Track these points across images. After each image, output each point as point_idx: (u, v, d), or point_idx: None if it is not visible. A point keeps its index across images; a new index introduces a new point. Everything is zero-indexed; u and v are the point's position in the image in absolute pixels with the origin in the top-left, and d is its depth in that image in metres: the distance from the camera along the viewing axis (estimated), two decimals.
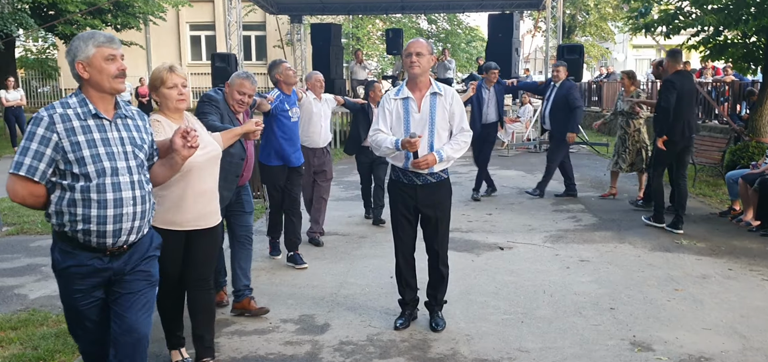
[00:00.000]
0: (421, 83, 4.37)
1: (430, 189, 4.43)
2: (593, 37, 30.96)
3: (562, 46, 14.91)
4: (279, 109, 5.91)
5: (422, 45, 4.34)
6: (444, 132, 4.38)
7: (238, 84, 4.70)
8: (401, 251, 4.61)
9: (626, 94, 9.20)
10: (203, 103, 4.57)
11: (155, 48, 29.61)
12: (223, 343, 4.49)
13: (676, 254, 6.42)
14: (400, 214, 4.51)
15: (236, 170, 4.68)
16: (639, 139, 9.07)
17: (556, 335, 4.50)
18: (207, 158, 3.64)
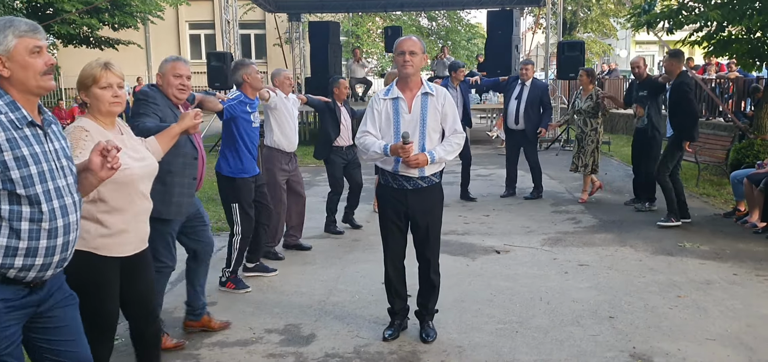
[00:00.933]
0: (412, 83, 4.15)
1: (421, 194, 4.22)
2: (595, 33, 30.67)
3: (563, 43, 14.67)
4: (240, 111, 5.29)
5: (415, 43, 4.12)
6: (435, 134, 4.18)
7: (170, 68, 4.14)
8: (390, 259, 4.39)
9: (584, 93, 8.97)
10: (137, 103, 4.06)
11: (155, 47, 29.46)
12: (204, 355, 4.29)
13: (678, 258, 6.19)
14: (390, 220, 4.29)
15: (193, 171, 4.22)
16: (595, 138, 8.88)
17: (552, 346, 4.28)
18: (148, 171, 3.21)
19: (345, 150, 7.32)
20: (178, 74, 4.14)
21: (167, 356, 4.25)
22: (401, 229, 4.32)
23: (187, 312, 4.65)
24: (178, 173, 4.10)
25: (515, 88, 9.32)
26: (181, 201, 4.14)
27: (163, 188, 3.97)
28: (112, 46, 20.89)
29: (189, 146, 4.17)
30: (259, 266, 5.89)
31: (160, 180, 3.90)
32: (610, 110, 8.82)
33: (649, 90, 8.18)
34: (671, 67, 7.49)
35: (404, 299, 4.52)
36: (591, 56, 32.43)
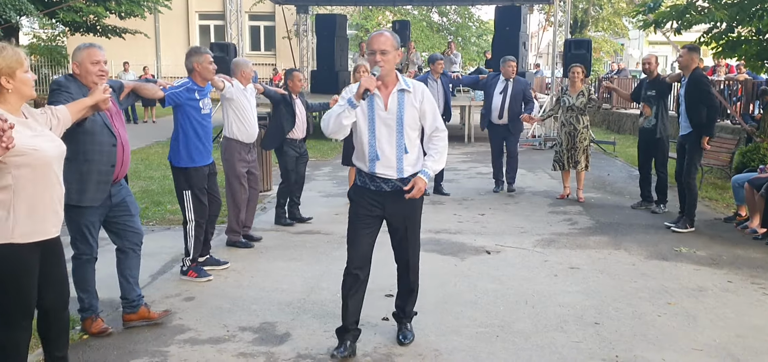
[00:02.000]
0: (387, 80, 3.86)
1: (401, 196, 3.91)
2: (606, 32, 30.37)
3: (569, 41, 14.44)
4: (185, 98, 5.17)
5: (387, 41, 3.81)
6: (413, 132, 3.92)
7: (86, 55, 4.01)
8: (354, 264, 3.99)
9: (574, 90, 8.80)
10: (52, 93, 3.95)
11: (164, 37, 29.51)
12: (173, 352, 4.18)
13: (673, 263, 6.02)
14: (363, 223, 3.96)
15: (110, 159, 4.14)
16: (587, 135, 8.81)
17: (531, 352, 4.14)
18: (58, 152, 3.16)
19: (298, 142, 7.28)
20: (95, 61, 4.03)
21: (135, 352, 4.16)
22: (372, 233, 4.02)
23: (123, 306, 4.53)
24: (95, 160, 4.08)
25: (498, 83, 9.31)
26: (98, 188, 4.13)
27: (79, 177, 4.05)
28: (119, 34, 20.89)
29: (106, 133, 4.11)
30: (209, 259, 5.76)
31: (76, 168, 4.02)
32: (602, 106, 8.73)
33: (658, 90, 7.99)
34: (687, 62, 7.20)
35: (357, 319, 4.09)
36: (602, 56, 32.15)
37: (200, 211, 5.40)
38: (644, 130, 8.25)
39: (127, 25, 21.36)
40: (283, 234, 7.07)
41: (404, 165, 3.88)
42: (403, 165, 3.88)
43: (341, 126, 3.82)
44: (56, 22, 19.60)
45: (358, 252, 4.00)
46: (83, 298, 4.35)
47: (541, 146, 15.19)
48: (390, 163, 3.87)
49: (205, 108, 5.35)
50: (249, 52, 27.78)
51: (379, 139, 3.85)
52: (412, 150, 3.92)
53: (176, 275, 5.62)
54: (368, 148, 3.87)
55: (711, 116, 7.06)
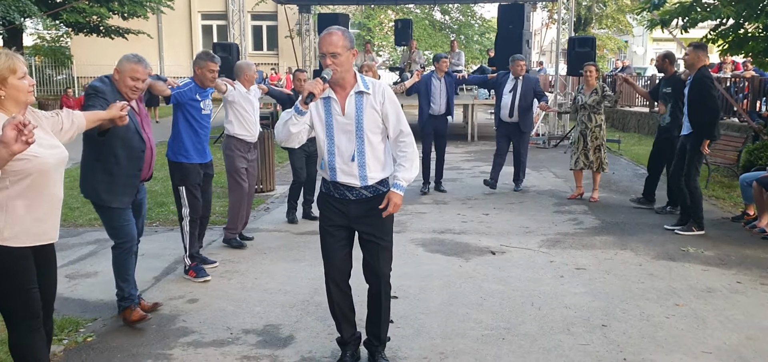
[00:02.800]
0: (344, 82, 3.55)
1: (366, 205, 3.66)
2: (610, 29, 30.25)
3: (573, 39, 14.38)
4: (188, 98, 5.34)
5: (338, 41, 3.46)
6: (374, 136, 3.60)
7: (129, 70, 4.21)
8: (332, 277, 3.78)
9: (588, 88, 8.77)
10: (88, 96, 4.12)
11: (167, 37, 29.46)
12: (177, 355, 4.14)
13: (680, 263, 5.95)
14: (329, 234, 3.72)
15: (139, 163, 4.36)
16: (600, 135, 8.73)
17: (538, 355, 4.08)
18: (57, 159, 3.12)
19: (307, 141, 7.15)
20: (135, 77, 4.22)
21: (139, 355, 4.12)
22: (343, 243, 3.75)
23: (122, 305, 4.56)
24: (124, 165, 4.28)
25: (508, 82, 9.26)
26: (126, 191, 4.35)
27: (109, 178, 4.27)
28: (122, 35, 20.87)
29: (137, 139, 4.32)
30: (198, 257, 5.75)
31: (107, 170, 4.25)
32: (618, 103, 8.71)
33: (674, 87, 7.85)
34: (693, 60, 7.00)
35: (353, 325, 3.93)
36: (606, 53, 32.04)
37: (194, 206, 5.45)
38: (660, 128, 8.21)
39: (130, 25, 21.36)
40: (287, 236, 7.03)
41: (367, 172, 3.60)
42: (366, 172, 3.60)
43: (290, 134, 3.55)
44: (59, 23, 19.56)
45: (333, 265, 3.76)
46: (123, 288, 4.49)
47: (545, 145, 15.13)
48: (352, 171, 3.59)
49: (206, 109, 5.48)
50: (251, 51, 27.75)
51: (339, 146, 3.59)
52: (374, 155, 3.62)
53: (179, 276, 5.60)
54: (327, 155, 3.62)
55: (710, 118, 6.84)
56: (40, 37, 32.30)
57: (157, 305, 4.85)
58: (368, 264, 3.78)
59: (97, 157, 4.26)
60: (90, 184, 4.34)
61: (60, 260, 6.06)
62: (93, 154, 4.27)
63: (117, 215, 4.37)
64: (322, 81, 3.43)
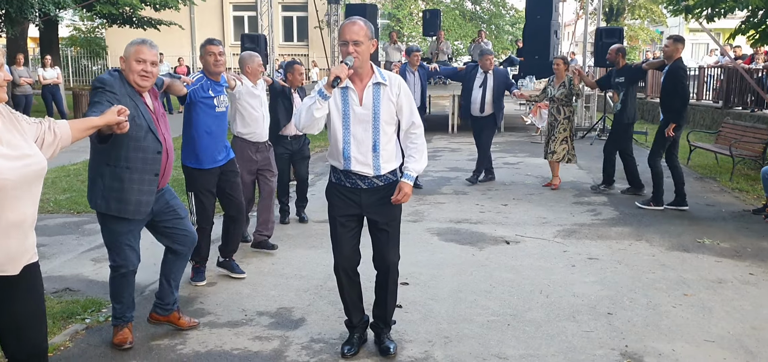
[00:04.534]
0: (362, 72, 3.66)
1: (377, 194, 3.76)
2: (643, 19, 29.83)
3: (601, 30, 14.29)
4: (200, 96, 4.89)
5: (360, 31, 3.57)
6: (389, 127, 3.72)
7: (133, 52, 3.73)
8: (342, 266, 3.87)
9: (557, 80, 8.94)
10: (94, 91, 3.66)
11: (199, 28, 29.88)
12: (192, 335, 4.32)
13: (694, 254, 5.96)
14: (340, 223, 3.81)
15: (155, 167, 3.83)
16: (568, 127, 8.91)
17: (541, 341, 4.17)
18: (21, 174, 2.50)
19: (290, 139, 6.77)
20: (140, 59, 3.73)
21: (156, 334, 4.30)
22: (354, 232, 3.86)
23: (155, 305, 4.32)
24: (137, 169, 3.77)
25: (477, 77, 9.18)
26: (141, 199, 3.81)
27: (120, 185, 3.76)
28: (154, 26, 21.27)
29: (151, 139, 3.80)
30: (226, 263, 5.47)
31: (117, 175, 3.73)
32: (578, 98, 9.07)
33: (627, 77, 8.49)
34: (671, 51, 7.51)
35: (362, 311, 4.06)
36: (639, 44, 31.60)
37: (203, 215, 5.09)
38: (615, 116, 8.75)
39: (162, 16, 21.76)
40: (306, 223, 7.18)
41: (381, 162, 3.71)
42: (379, 162, 3.71)
43: (313, 119, 3.60)
44: (94, 14, 20.03)
45: (342, 254, 3.86)
46: (116, 308, 4.09)
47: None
48: (366, 160, 3.69)
49: (221, 106, 5.06)
50: (282, 42, 28.06)
51: (354, 135, 3.68)
52: (388, 146, 3.74)
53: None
54: (343, 145, 3.69)
55: (680, 105, 7.43)
56: (75, 29, 33.05)
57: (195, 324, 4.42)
58: (378, 252, 3.89)
59: (106, 162, 3.76)
60: (98, 193, 3.82)
61: (86, 244, 6.37)
62: (102, 158, 3.78)
63: (122, 230, 3.86)
64: (346, 66, 3.53)
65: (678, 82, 7.40)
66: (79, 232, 6.78)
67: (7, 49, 20.15)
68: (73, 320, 4.48)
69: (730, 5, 10.10)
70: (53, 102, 16.49)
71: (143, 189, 3.81)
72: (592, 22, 17.28)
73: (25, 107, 15.45)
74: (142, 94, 3.84)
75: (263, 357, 4.00)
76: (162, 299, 4.28)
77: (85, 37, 31.99)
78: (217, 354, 4.04)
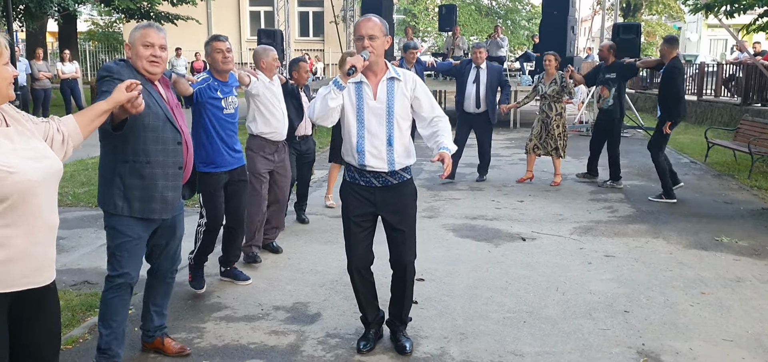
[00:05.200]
0: (376, 68, 3.67)
1: (392, 192, 3.77)
2: (661, 15, 29.56)
3: (618, 25, 14.17)
4: (207, 96, 4.60)
5: (375, 26, 3.60)
6: (404, 122, 3.72)
7: (140, 37, 3.38)
8: (355, 266, 3.89)
9: (548, 77, 8.97)
10: (100, 80, 3.29)
11: (216, 23, 30.03)
12: (209, 328, 4.35)
13: (712, 253, 5.92)
14: (353, 223, 3.80)
15: (177, 159, 3.50)
16: (560, 123, 8.95)
17: (557, 338, 4.16)
18: (48, 173, 2.36)
19: (299, 140, 6.55)
20: (148, 43, 3.38)
21: (173, 328, 4.32)
22: (367, 231, 3.85)
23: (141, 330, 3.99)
24: (159, 163, 3.43)
25: (471, 72, 9.07)
26: (166, 195, 3.48)
27: (141, 183, 3.41)
28: (172, 21, 21.38)
29: (169, 130, 3.46)
30: (229, 272, 5.23)
31: (137, 174, 3.39)
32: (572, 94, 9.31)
33: (618, 73, 8.70)
34: (666, 52, 7.92)
35: (377, 308, 4.07)
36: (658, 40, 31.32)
37: (213, 216, 4.80)
38: (603, 111, 8.95)
39: (180, 11, 21.86)
40: (322, 219, 7.22)
41: (395, 156, 3.70)
42: (393, 156, 3.70)
43: (327, 108, 3.58)
44: (112, 9, 20.18)
45: (355, 254, 3.86)
46: (102, 334, 3.56)
47: (588, 133, 14.97)
48: (380, 155, 3.69)
49: (229, 107, 4.74)
50: (298, 38, 28.12)
51: (368, 129, 3.67)
52: (402, 141, 3.73)
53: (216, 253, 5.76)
54: (357, 139, 3.69)
55: (676, 105, 7.74)
56: (93, 23, 33.32)
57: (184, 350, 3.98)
58: (393, 251, 3.89)
59: (123, 158, 3.39)
60: (117, 193, 3.42)
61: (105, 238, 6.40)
62: (117, 156, 3.41)
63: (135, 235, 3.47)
64: (362, 59, 3.53)
65: (672, 81, 7.73)
66: (98, 226, 6.84)
67: (26, 43, 20.38)
68: (92, 313, 4.53)
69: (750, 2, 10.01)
70: (72, 96, 16.65)
71: (168, 184, 3.49)
72: (610, 18, 17.16)
73: (44, 101, 15.61)
74: (155, 83, 3.50)
75: (279, 351, 4.02)
76: (145, 326, 3.93)
77: (102, 32, 32.28)
78: (234, 347, 4.07)
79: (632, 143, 12.90)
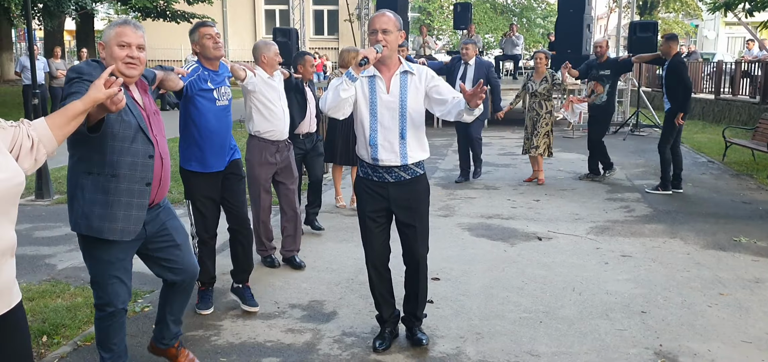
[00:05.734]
0: (389, 62, 3.71)
1: (404, 188, 3.78)
2: (678, 13, 29.31)
3: (635, 23, 14.06)
4: (197, 89, 4.19)
5: (389, 21, 3.62)
6: (417, 116, 3.74)
7: (115, 35, 3.03)
8: (372, 261, 3.91)
9: (538, 75, 8.98)
10: (69, 82, 2.96)
11: (231, 22, 30.17)
12: (226, 326, 4.38)
13: (730, 253, 5.87)
14: (369, 218, 3.83)
15: (146, 174, 3.13)
16: (550, 121, 8.99)
17: (574, 339, 4.15)
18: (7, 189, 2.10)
19: (303, 138, 6.17)
20: (123, 43, 3.02)
21: (190, 324, 4.36)
22: (383, 227, 3.88)
23: (153, 333, 3.76)
24: (125, 177, 3.06)
25: (459, 69, 9.01)
26: (129, 214, 3.09)
27: (104, 198, 3.05)
28: (188, 19, 21.50)
29: (141, 140, 3.10)
30: (238, 291, 4.74)
31: (101, 185, 3.03)
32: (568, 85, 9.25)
33: (613, 69, 9.05)
34: (667, 49, 8.20)
35: (393, 306, 4.08)
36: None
37: (202, 225, 4.46)
38: (596, 107, 9.17)
39: (195, 10, 21.97)
40: (337, 217, 7.23)
41: (408, 150, 3.72)
42: (406, 150, 3.72)
43: (339, 99, 3.56)
44: (129, 7, 20.34)
45: (372, 249, 3.89)
46: (104, 357, 3.36)
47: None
48: (392, 148, 3.71)
49: (222, 98, 4.34)
50: (312, 36, 28.17)
51: (381, 122, 3.70)
52: (415, 135, 3.76)
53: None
54: (369, 132, 3.71)
55: (684, 96, 8.06)
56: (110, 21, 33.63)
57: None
58: (406, 247, 3.92)
59: (87, 170, 3.07)
60: (78, 210, 3.11)
61: None
62: (82, 166, 3.09)
63: (109, 258, 3.14)
64: (375, 51, 3.55)
65: (680, 75, 8.03)
66: None
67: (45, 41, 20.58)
68: None
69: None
70: None
71: (133, 202, 3.09)
72: (626, 16, 17.04)
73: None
74: (129, 87, 3.15)
75: (296, 349, 4.04)
76: (160, 333, 3.69)
77: None
78: (251, 345, 4.10)
79: (649, 142, 12.79)
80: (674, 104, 8.11)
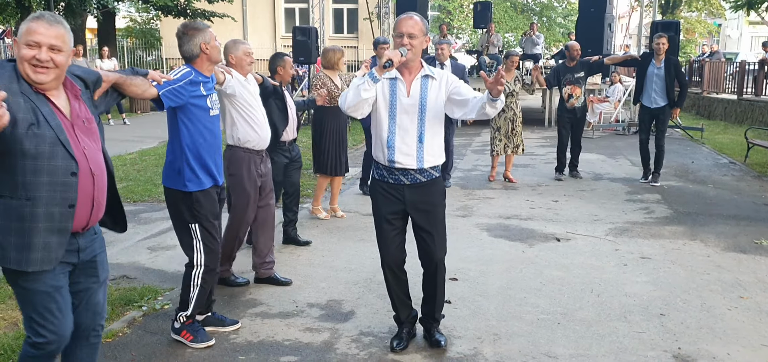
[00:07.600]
0: (412, 66, 3.70)
1: (420, 190, 3.78)
2: (700, 12, 28.97)
3: (656, 23, 13.93)
4: (190, 95, 3.76)
5: (416, 24, 3.63)
6: (436, 121, 3.74)
7: (24, 32, 2.56)
8: (388, 264, 3.91)
9: (510, 76, 8.94)
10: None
11: (251, 20, 30.26)
12: (245, 325, 4.42)
13: (751, 256, 5.81)
14: (385, 220, 3.82)
15: (65, 195, 2.65)
16: (520, 121, 9.13)
17: (591, 341, 4.14)
18: None
19: (287, 145, 5.87)
20: (32, 42, 2.55)
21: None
22: (399, 229, 3.86)
23: None
24: (42, 200, 2.60)
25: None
26: (49, 241, 2.64)
27: (20, 225, 2.60)
28: (208, 18, 21.66)
29: (60, 155, 2.62)
30: (210, 318, 4.32)
31: (14, 211, 2.59)
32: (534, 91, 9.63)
33: (586, 71, 9.31)
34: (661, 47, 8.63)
35: (410, 307, 4.08)
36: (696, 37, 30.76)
37: (214, 250, 4.02)
38: (576, 109, 9.31)
39: (216, 8, 22.12)
40: (355, 216, 7.26)
41: (425, 154, 3.72)
42: (423, 154, 3.72)
43: (360, 99, 3.56)
44: (149, 6, 20.53)
45: (388, 251, 3.89)
46: None
47: (625, 132, 14.78)
48: (410, 151, 3.70)
49: (214, 108, 3.97)
50: (332, 34, 28.17)
51: (400, 125, 3.69)
52: (433, 138, 3.75)
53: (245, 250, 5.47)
54: (387, 134, 3.71)
55: (681, 91, 8.79)
56: (131, 20, 33.89)
57: None
58: (423, 250, 3.92)
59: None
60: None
61: (143, 233, 6.57)
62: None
63: (37, 288, 2.67)
64: (399, 54, 3.54)
65: (677, 71, 8.70)
66: (136, 221, 6.98)
67: None
68: (131, 307, 4.64)
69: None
70: None
71: (53, 227, 2.64)
72: (648, 15, 16.88)
73: None
74: (47, 93, 2.64)
75: (314, 348, 4.07)
76: None
77: (140, 29, 32.77)
78: (269, 344, 4.13)
79: (670, 143, 12.65)
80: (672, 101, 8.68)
